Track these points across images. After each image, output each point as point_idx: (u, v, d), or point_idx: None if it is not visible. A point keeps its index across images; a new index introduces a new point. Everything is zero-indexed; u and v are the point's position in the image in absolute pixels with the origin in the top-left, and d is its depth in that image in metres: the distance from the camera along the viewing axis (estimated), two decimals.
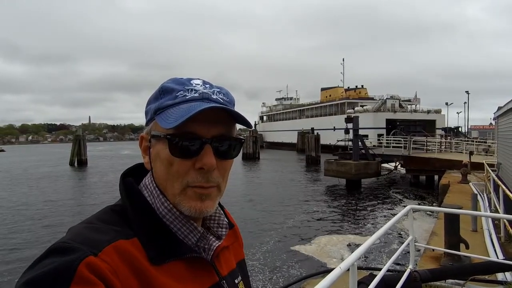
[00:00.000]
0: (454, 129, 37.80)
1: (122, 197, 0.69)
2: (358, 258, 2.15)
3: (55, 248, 0.55)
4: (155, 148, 0.67)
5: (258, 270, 8.47)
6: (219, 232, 0.75)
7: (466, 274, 3.75)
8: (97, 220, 0.63)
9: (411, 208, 3.73)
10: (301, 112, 66.99)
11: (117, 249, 0.57)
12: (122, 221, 0.64)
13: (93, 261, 0.53)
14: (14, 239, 11.60)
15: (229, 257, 0.79)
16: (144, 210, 0.66)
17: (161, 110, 0.66)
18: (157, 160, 0.67)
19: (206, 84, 0.69)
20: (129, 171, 0.74)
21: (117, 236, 0.59)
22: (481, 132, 56.32)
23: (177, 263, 0.64)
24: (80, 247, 0.54)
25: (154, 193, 0.68)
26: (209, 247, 0.72)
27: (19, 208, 16.59)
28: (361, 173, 20.49)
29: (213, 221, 0.76)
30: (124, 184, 0.70)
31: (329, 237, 11.05)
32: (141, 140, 0.71)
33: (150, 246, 0.62)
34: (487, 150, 22.54)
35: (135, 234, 0.62)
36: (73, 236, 0.58)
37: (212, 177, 0.66)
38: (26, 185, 25.02)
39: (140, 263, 0.59)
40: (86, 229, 0.60)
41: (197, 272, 0.67)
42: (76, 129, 58.08)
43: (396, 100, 46.69)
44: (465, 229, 5.75)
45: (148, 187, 0.70)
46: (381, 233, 2.86)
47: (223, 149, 0.67)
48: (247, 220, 13.18)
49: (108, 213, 0.66)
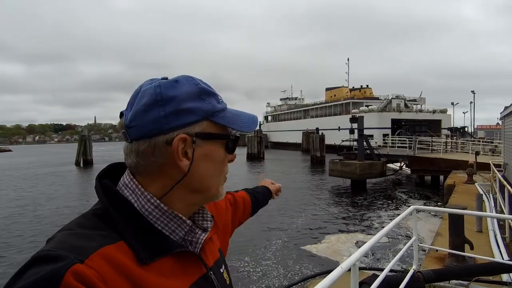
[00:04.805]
0: (460, 129, 37.43)
1: (101, 200, 0.67)
2: (359, 257, 2.15)
3: (39, 257, 0.53)
4: (202, 149, 0.68)
5: (272, 269, 8.51)
6: (205, 225, 0.77)
7: (470, 275, 3.73)
8: (79, 226, 0.62)
9: (414, 208, 3.72)
10: (306, 112, 66.83)
11: (104, 255, 0.56)
12: (106, 225, 0.63)
13: (80, 269, 0.51)
14: (14, 238, 11.72)
15: (213, 247, 0.81)
16: (127, 210, 0.65)
17: (217, 112, 0.70)
18: (205, 160, 0.70)
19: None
20: (104, 173, 0.72)
21: (103, 242, 0.58)
22: (488, 132, 55.79)
23: (166, 259, 0.65)
24: (66, 255, 0.52)
25: (137, 191, 0.67)
26: (196, 240, 0.73)
27: (21, 208, 16.75)
28: (366, 173, 20.40)
29: (198, 214, 0.77)
30: (101, 186, 0.68)
31: (337, 236, 11.07)
32: (177, 143, 0.66)
33: (137, 246, 0.61)
34: (493, 150, 22.34)
35: (121, 237, 0.61)
36: (57, 244, 0.56)
37: None
38: (30, 185, 25.26)
39: (128, 266, 0.58)
40: (70, 236, 0.58)
41: (186, 265, 0.68)
42: (81, 129, 58.34)
43: (402, 100, 46.36)
44: (470, 230, 5.72)
45: (128, 186, 0.68)
46: (383, 233, 2.86)
47: None
48: (253, 220, 13.16)
49: (90, 218, 0.64)
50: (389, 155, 23.55)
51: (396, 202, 16.67)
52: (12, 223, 13.86)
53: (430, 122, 42.51)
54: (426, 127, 39.46)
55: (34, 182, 26.53)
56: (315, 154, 38.40)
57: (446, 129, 39.22)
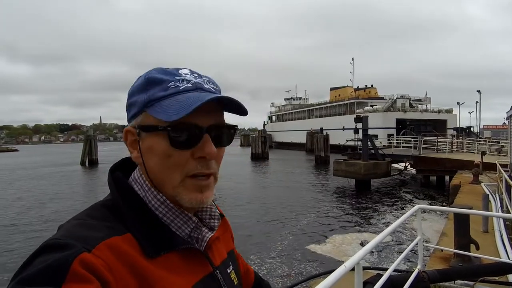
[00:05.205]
0: (466, 129, 37.14)
1: (112, 192, 0.68)
2: (363, 256, 2.13)
3: (48, 245, 0.54)
4: (146, 141, 0.66)
5: (276, 268, 8.50)
6: (212, 223, 0.76)
7: (476, 275, 3.69)
8: (88, 216, 0.63)
9: (419, 208, 3.69)
10: (310, 112, 66.73)
11: (111, 246, 0.57)
12: (114, 217, 0.63)
13: (87, 258, 0.52)
14: (17, 235, 11.81)
15: (221, 247, 0.80)
16: (136, 204, 0.66)
17: (152, 102, 0.64)
18: (150, 153, 0.66)
19: (194, 74, 0.69)
20: (116, 166, 0.73)
21: (110, 233, 0.59)
22: (494, 132, 55.22)
23: (172, 255, 0.65)
24: (73, 244, 0.53)
25: (145, 187, 0.68)
26: (202, 238, 0.73)
27: (26, 208, 16.87)
28: (371, 173, 20.30)
29: (205, 212, 0.76)
30: (113, 179, 0.69)
31: (343, 236, 11.03)
32: (126, 134, 0.69)
33: (144, 240, 0.62)
34: (500, 150, 22.13)
35: (128, 229, 0.62)
36: (65, 232, 0.57)
37: (211, 164, 0.67)
38: (36, 184, 25.45)
39: (134, 258, 0.59)
40: (78, 226, 0.59)
41: (191, 263, 0.68)
42: (87, 129, 58.69)
43: (407, 99, 46.13)
44: (476, 230, 5.66)
45: (137, 181, 0.69)
46: (388, 232, 2.83)
47: (219, 138, 0.68)
48: (259, 220, 13.22)
49: (99, 209, 0.65)
50: (394, 155, 23.45)
51: (401, 202, 16.58)
52: (16, 223, 13.97)
53: (435, 122, 42.28)
54: (432, 127, 39.25)
55: (40, 182, 26.73)
56: (320, 154, 38.31)
57: (452, 129, 38.98)
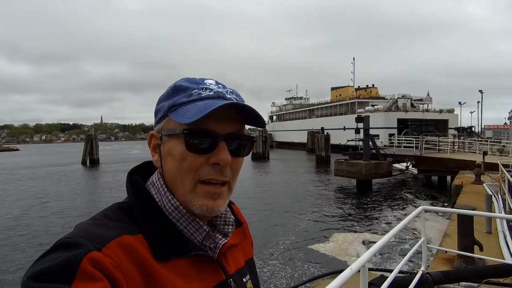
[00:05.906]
0: (467, 128, 37.11)
1: (128, 194, 0.70)
2: (369, 259, 2.12)
3: (61, 243, 0.56)
4: (166, 145, 0.68)
5: (279, 269, 8.49)
6: (226, 229, 0.75)
7: (480, 277, 3.67)
8: (104, 217, 0.64)
9: (423, 209, 3.67)
10: (311, 111, 66.70)
11: (121, 244, 0.58)
12: (128, 218, 0.64)
13: (97, 256, 0.53)
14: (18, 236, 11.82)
15: (238, 255, 0.79)
16: (150, 207, 0.67)
17: (175, 107, 0.67)
18: (168, 156, 0.67)
19: (219, 84, 0.71)
20: (136, 169, 0.75)
21: (122, 232, 0.60)
22: (496, 132, 55.20)
23: (182, 260, 0.65)
24: (84, 242, 0.55)
25: (161, 191, 0.69)
26: (216, 245, 0.72)
27: (28, 207, 16.91)
28: (372, 173, 20.28)
29: (219, 218, 0.75)
30: (131, 182, 0.70)
31: (344, 235, 11.02)
32: (150, 138, 0.72)
33: (155, 242, 0.63)
34: (501, 150, 22.11)
35: (140, 231, 0.63)
36: (78, 232, 0.59)
37: (226, 172, 0.67)
38: (37, 183, 25.49)
39: (145, 258, 0.59)
40: (92, 225, 0.61)
41: (202, 270, 0.67)
42: (88, 128, 58.81)
43: (408, 99, 46.10)
44: (479, 231, 5.64)
45: (155, 185, 0.70)
46: (392, 234, 2.82)
47: (236, 147, 0.68)
48: (260, 220, 13.21)
49: (115, 210, 0.66)
50: (395, 155, 23.42)
51: (402, 202, 16.56)
52: (19, 223, 13.99)
53: (436, 122, 42.28)
54: (433, 126, 39.27)
55: (41, 181, 26.78)
56: (320, 154, 38.29)
57: (453, 128, 38.97)
